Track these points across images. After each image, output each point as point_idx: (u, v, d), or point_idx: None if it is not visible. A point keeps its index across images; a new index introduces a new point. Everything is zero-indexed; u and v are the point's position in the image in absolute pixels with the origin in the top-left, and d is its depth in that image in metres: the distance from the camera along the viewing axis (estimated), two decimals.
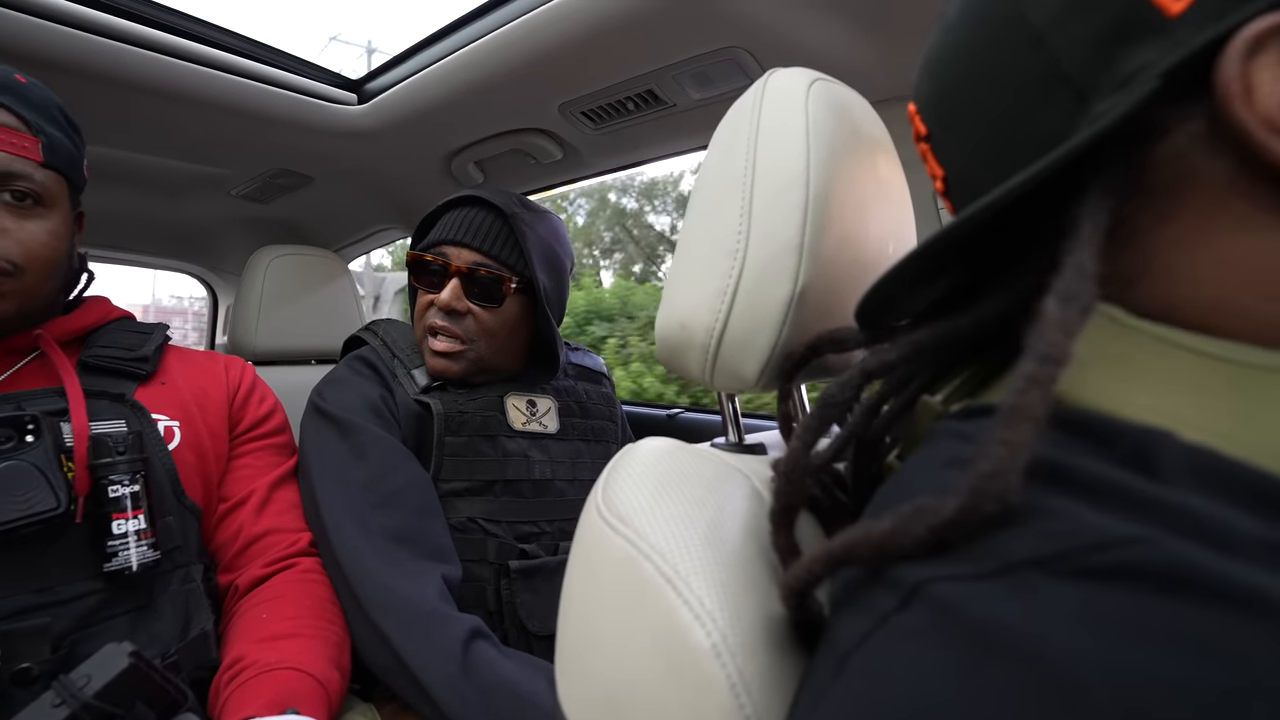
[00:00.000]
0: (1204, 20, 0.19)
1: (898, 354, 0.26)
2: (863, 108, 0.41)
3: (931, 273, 0.28)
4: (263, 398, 0.76)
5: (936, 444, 0.24)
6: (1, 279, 0.54)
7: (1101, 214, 0.20)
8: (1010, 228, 0.25)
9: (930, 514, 0.19)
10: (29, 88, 0.57)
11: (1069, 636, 0.15)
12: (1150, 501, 0.17)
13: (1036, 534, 0.17)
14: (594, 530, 0.30)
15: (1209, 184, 0.20)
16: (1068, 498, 0.18)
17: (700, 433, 1.27)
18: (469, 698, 0.55)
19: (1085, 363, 0.21)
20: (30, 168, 0.55)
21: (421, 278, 0.79)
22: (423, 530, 0.67)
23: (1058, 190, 0.22)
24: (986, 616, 0.16)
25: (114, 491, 0.54)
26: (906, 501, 0.20)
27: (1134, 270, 0.22)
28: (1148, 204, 0.21)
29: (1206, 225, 0.20)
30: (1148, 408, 0.20)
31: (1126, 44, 0.20)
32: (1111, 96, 0.20)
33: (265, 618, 0.60)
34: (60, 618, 0.51)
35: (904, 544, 0.19)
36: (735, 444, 0.48)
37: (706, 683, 0.24)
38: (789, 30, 0.70)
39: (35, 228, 0.56)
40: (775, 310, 0.34)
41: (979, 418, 0.23)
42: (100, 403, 0.59)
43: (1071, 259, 0.20)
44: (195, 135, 1.02)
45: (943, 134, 0.28)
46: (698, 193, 0.39)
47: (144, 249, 1.62)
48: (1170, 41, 0.19)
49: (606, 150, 1.05)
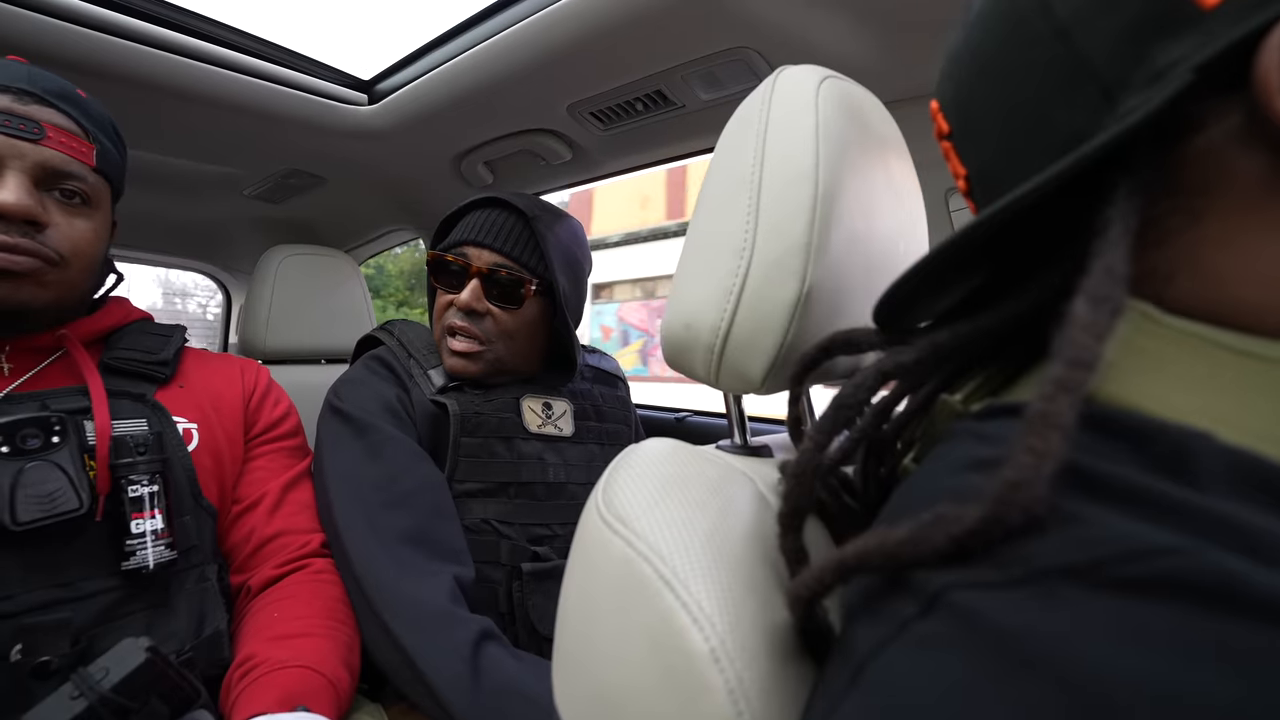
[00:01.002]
0: (1241, 13, 0.18)
1: (917, 355, 0.25)
2: (874, 106, 0.41)
3: (954, 272, 0.27)
4: (277, 400, 0.77)
5: (957, 444, 0.23)
6: (47, 268, 0.56)
7: (1132, 214, 0.20)
8: (1036, 226, 0.24)
9: (951, 522, 0.18)
10: (88, 102, 0.62)
11: (1102, 650, 0.14)
12: (1189, 509, 0.16)
13: (1067, 541, 0.16)
14: (593, 531, 0.30)
15: (1244, 182, 0.19)
16: (1101, 504, 0.17)
17: (708, 436, 1.27)
18: (478, 699, 0.55)
19: (1120, 360, 0.20)
20: (84, 170, 0.59)
21: (441, 278, 0.79)
22: (436, 531, 0.67)
23: (1085, 188, 0.21)
24: (1013, 627, 0.16)
25: (134, 491, 0.55)
26: (924, 504, 0.19)
27: (1168, 269, 0.21)
28: (1181, 203, 0.20)
29: (1242, 224, 0.19)
30: (1185, 407, 0.19)
31: (1158, 38, 0.19)
32: (1142, 92, 0.20)
33: (277, 617, 0.60)
34: (80, 613, 0.52)
35: (922, 552, 0.18)
36: (740, 446, 0.48)
37: (704, 688, 0.24)
38: (799, 30, 0.70)
39: (82, 225, 0.59)
40: (782, 310, 0.34)
41: (1002, 418, 0.23)
42: (122, 402, 0.60)
43: (1101, 260, 0.19)
44: (209, 135, 1.04)
45: (965, 132, 0.27)
46: (705, 190, 0.38)
47: (159, 248, 1.65)
48: (1205, 35, 0.18)
49: (615, 151, 1.05)
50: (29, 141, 0.54)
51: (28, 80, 0.56)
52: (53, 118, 0.57)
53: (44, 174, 0.56)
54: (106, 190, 0.63)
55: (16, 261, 0.53)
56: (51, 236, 0.56)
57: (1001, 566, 0.17)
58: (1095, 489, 0.17)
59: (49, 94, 0.57)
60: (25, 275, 0.55)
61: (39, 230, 0.55)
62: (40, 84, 0.57)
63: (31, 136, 0.55)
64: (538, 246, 0.77)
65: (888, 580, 0.20)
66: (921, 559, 0.18)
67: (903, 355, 0.25)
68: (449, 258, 0.78)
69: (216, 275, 1.80)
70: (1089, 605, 0.15)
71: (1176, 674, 0.13)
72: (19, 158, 0.54)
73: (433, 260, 0.80)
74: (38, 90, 0.56)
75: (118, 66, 0.81)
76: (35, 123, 0.55)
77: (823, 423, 0.26)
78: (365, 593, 0.62)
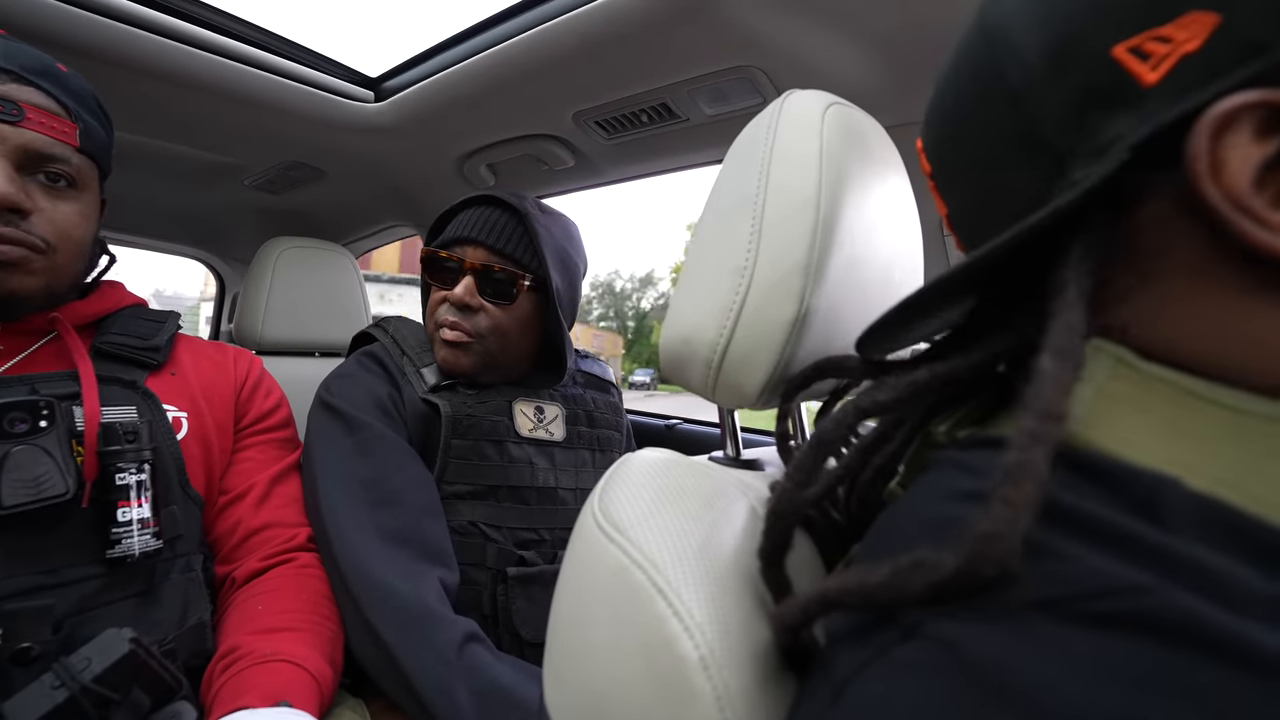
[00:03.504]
0: (1177, 93, 0.18)
1: (895, 395, 0.26)
2: (876, 132, 0.42)
3: (932, 313, 0.28)
4: (269, 391, 0.77)
5: (941, 474, 0.24)
6: (34, 255, 0.55)
7: (1086, 276, 0.21)
8: (1009, 274, 0.25)
9: (929, 570, 0.18)
10: (69, 76, 0.59)
11: (1072, 684, 0.15)
12: (1156, 550, 0.17)
13: (1043, 576, 0.17)
14: (589, 537, 0.31)
15: (1189, 250, 0.20)
16: (1075, 541, 0.18)
17: (698, 445, 1.28)
18: (460, 701, 0.55)
19: (1097, 404, 0.21)
20: (68, 151, 0.57)
21: (435, 274, 0.80)
22: (423, 532, 0.67)
23: (1048, 246, 0.22)
24: (989, 656, 0.16)
25: (121, 479, 0.54)
26: (906, 538, 0.20)
27: (1132, 323, 0.22)
28: (1136, 264, 0.21)
29: (1193, 287, 0.20)
30: (1157, 452, 0.19)
31: (1102, 112, 0.20)
32: (1087, 164, 0.20)
33: (261, 610, 0.60)
34: (62, 600, 0.51)
35: (900, 597, 0.19)
36: (733, 459, 0.49)
37: (692, 695, 0.24)
38: (803, 52, 0.71)
39: (68, 209, 0.57)
40: (780, 330, 0.35)
41: (984, 449, 0.23)
42: (112, 389, 0.59)
43: (1061, 319, 0.20)
44: (211, 124, 1.04)
45: (941, 176, 0.29)
46: (709, 210, 0.39)
47: (155, 233, 1.63)
48: (1143, 113, 0.19)
49: (618, 160, 1.07)
50: (8, 124, 0.52)
51: (4, 57, 0.53)
52: (32, 97, 0.54)
53: (25, 158, 0.53)
54: (93, 170, 0.61)
55: (2, 251, 0.52)
56: (37, 223, 0.54)
57: (978, 608, 0.18)
58: (1073, 525, 0.18)
59: (27, 71, 0.54)
60: (12, 264, 0.53)
61: (23, 218, 0.54)
62: (18, 60, 0.54)
63: (10, 119, 0.52)
64: (531, 244, 0.77)
65: None
66: (899, 603, 0.19)
67: (880, 394, 0.26)
68: (443, 254, 0.78)
69: (211, 263, 1.79)
70: (1062, 639, 0.16)
71: (1138, 708, 0.14)
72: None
73: (427, 257, 0.80)
74: (15, 68, 0.53)
75: (124, 53, 0.81)
76: (14, 103, 0.52)
77: (802, 460, 0.27)
78: (351, 589, 0.62)
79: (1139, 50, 0.19)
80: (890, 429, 0.29)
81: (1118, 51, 0.20)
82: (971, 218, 0.27)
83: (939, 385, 0.26)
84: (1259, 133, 0.18)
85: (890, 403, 0.26)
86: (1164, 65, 0.19)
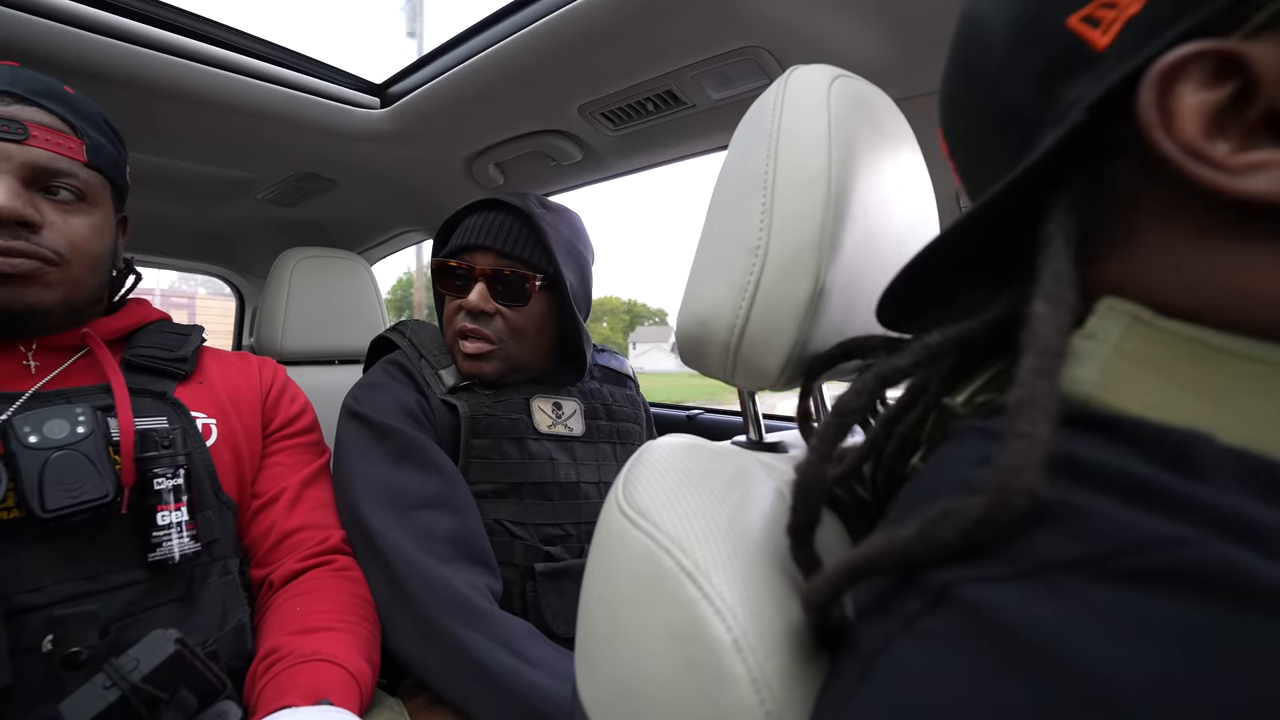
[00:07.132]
0: (1125, 53, 0.20)
1: (912, 359, 0.26)
2: (885, 104, 0.41)
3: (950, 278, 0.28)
4: (293, 397, 0.78)
5: (962, 442, 0.23)
6: (48, 268, 0.56)
7: (1071, 227, 0.22)
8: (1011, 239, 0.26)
9: (957, 516, 0.18)
10: (75, 98, 0.61)
11: (1106, 643, 0.14)
12: (1192, 502, 0.16)
13: (1072, 534, 0.17)
14: (614, 525, 0.30)
15: (1159, 200, 0.21)
16: (1105, 497, 0.17)
17: (719, 433, 1.27)
18: (542, 685, 0.56)
19: (1115, 366, 0.21)
20: (75, 167, 0.58)
21: (447, 283, 0.80)
22: (467, 532, 0.68)
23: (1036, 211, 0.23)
24: (1018, 620, 0.16)
25: (158, 484, 0.56)
26: (929, 501, 0.19)
27: (1131, 277, 0.22)
28: (1118, 216, 0.22)
29: (1171, 236, 0.21)
30: (1181, 411, 0.19)
31: (1062, 80, 0.22)
32: (1053, 129, 0.22)
33: (300, 611, 0.61)
34: (107, 605, 0.53)
35: (932, 549, 0.18)
36: (755, 442, 0.48)
37: (727, 678, 0.24)
38: (810, 29, 0.70)
39: (79, 223, 0.59)
40: (797, 307, 0.34)
41: (1004, 415, 0.23)
42: (144, 400, 0.61)
43: (1049, 269, 0.21)
44: (222, 140, 1.05)
45: (953, 154, 0.30)
46: (719, 190, 0.39)
47: (173, 252, 1.67)
48: (1097, 75, 0.20)
49: (626, 151, 1.06)
50: (13, 143, 0.54)
51: (9, 82, 0.56)
52: (37, 116, 0.56)
53: (33, 174, 0.55)
54: (104, 185, 0.62)
55: (14, 264, 0.54)
56: (48, 236, 0.56)
57: (1010, 561, 0.17)
58: (1098, 481, 0.18)
59: (32, 93, 0.57)
60: (27, 277, 0.55)
61: (34, 231, 0.55)
62: (22, 84, 0.57)
63: (15, 137, 0.54)
64: (538, 242, 0.78)
65: (896, 578, 0.20)
66: (932, 556, 0.19)
67: (898, 360, 0.26)
68: (452, 263, 0.78)
69: (229, 278, 1.83)
70: (1093, 598, 0.15)
71: (1180, 667, 0.13)
72: (5, 160, 0.54)
73: (437, 266, 0.81)
74: (19, 90, 0.56)
75: (134, 74, 0.83)
76: (19, 123, 0.55)
77: (824, 431, 0.26)
78: (408, 592, 0.62)
79: (1090, 18, 0.21)
80: (914, 395, 0.29)
81: (1072, 22, 0.21)
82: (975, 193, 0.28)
83: (952, 347, 0.26)
84: (1208, 82, 0.18)
85: (909, 367, 0.26)
86: (1113, 29, 0.20)
